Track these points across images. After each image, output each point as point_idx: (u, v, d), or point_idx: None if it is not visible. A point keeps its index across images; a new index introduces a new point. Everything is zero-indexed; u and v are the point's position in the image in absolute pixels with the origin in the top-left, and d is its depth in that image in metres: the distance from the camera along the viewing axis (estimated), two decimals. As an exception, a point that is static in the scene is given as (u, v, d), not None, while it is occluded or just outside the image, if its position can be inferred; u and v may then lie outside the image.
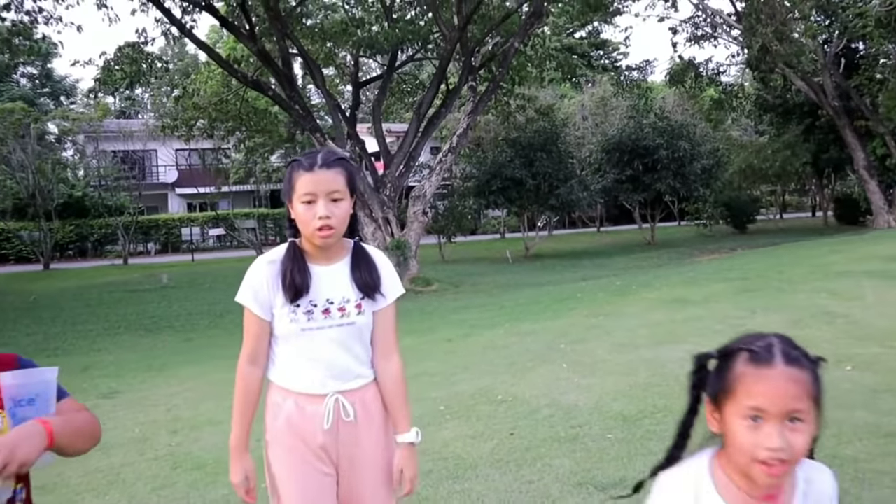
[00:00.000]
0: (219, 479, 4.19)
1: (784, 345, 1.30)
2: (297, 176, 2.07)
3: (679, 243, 24.80)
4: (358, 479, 2.15)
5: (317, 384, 2.09)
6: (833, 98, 22.71)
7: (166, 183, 37.10)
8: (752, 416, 1.26)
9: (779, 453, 1.24)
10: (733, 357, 1.32)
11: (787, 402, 1.25)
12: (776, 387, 1.25)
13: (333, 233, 2.06)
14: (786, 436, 1.25)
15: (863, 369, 5.14)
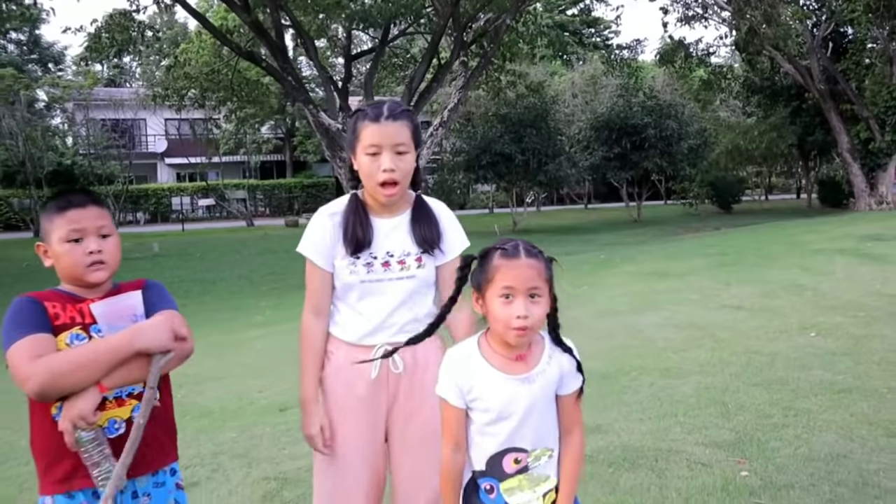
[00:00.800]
0: (225, 425, 4.52)
1: (525, 244, 1.73)
2: (363, 126, 2.01)
3: (664, 221, 25.18)
4: (406, 429, 2.13)
5: (369, 336, 2.09)
6: (819, 81, 23.00)
7: (155, 153, 37.04)
8: (505, 294, 1.67)
9: (525, 320, 1.66)
10: (490, 255, 1.72)
11: (529, 282, 1.67)
12: (521, 272, 1.68)
13: (398, 189, 2.03)
14: (529, 307, 1.67)
15: (825, 335, 5.51)
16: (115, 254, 1.83)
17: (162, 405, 1.82)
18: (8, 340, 1.67)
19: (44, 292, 1.79)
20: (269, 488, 3.44)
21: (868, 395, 4.15)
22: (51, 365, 1.62)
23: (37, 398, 1.66)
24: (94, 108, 31.94)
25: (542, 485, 1.81)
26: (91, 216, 1.79)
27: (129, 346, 1.65)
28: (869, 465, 3.25)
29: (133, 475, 1.74)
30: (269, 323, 8.61)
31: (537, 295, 1.69)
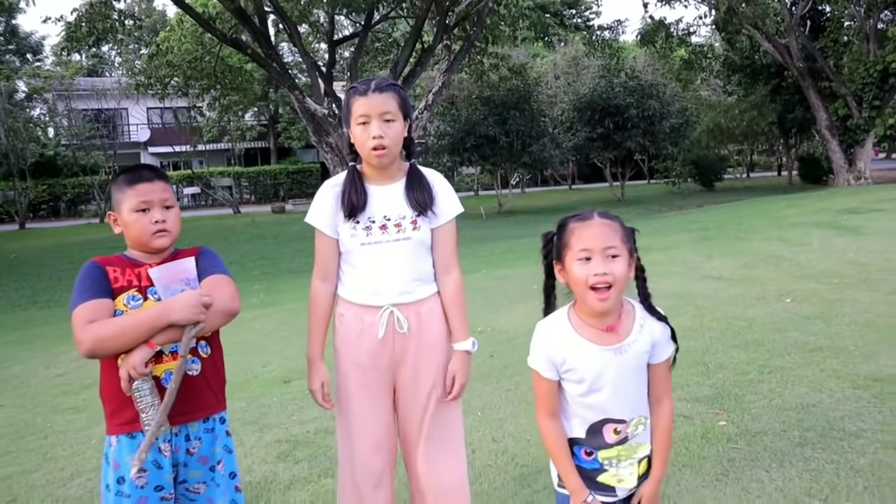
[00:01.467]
0: (234, 396, 4.72)
1: (599, 210, 1.81)
2: (353, 101, 2.20)
3: (648, 200, 25.52)
4: (412, 386, 2.30)
5: (374, 296, 2.25)
6: (798, 59, 23.31)
7: (139, 142, 36.87)
8: (583, 256, 1.73)
9: (604, 277, 1.70)
10: (566, 224, 1.80)
11: (604, 241, 1.72)
12: (595, 231, 1.74)
13: (387, 152, 2.19)
14: (607, 264, 1.71)
15: (800, 301, 5.81)
16: (176, 223, 2.06)
17: (211, 360, 2.05)
18: (73, 303, 1.92)
19: (109, 257, 2.02)
20: (281, 449, 3.67)
21: (838, 352, 4.44)
22: (97, 332, 1.85)
23: (86, 357, 1.90)
24: (76, 98, 31.73)
25: (637, 451, 1.88)
26: (157, 189, 2.02)
27: (163, 318, 1.87)
28: (835, 412, 3.53)
29: (186, 421, 1.97)
30: (265, 305, 8.81)
31: (615, 255, 1.71)
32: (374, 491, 2.32)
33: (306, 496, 3.12)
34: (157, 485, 1.95)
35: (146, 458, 1.90)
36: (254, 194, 36.24)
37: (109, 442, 1.97)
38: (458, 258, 2.38)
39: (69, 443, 4.13)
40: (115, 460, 1.94)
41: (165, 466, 1.96)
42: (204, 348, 2.03)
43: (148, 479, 1.93)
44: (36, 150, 30.15)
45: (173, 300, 1.91)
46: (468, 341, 2.34)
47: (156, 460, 1.94)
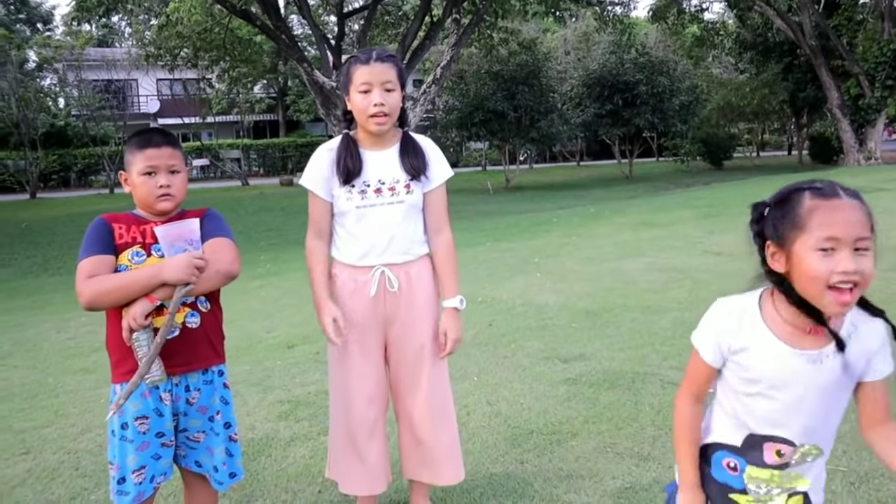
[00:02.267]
0: (239, 360, 4.87)
1: (840, 185, 1.40)
2: (355, 69, 2.27)
3: (656, 178, 25.48)
4: (403, 342, 2.41)
5: (366, 257, 2.34)
6: (811, 37, 23.08)
7: (148, 113, 36.91)
8: (826, 246, 1.34)
9: (852, 276, 1.33)
10: (795, 198, 1.41)
11: (857, 229, 1.34)
12: (847, 216, 1.34)
13: (387, 119, 2.27)
14: (858, 260, 1.33)
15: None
16: (181, 188, 2.14)
17: (211, 315, 2.15)
18: (79, 258, 2.03)
19: (117, 214, 2.13)
20: (283, 409, 3.80)
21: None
22: (96, 286, 1.96)
23: (86, 309, 2.02)
24: (86, 69, 31.73)
25: (795, 482, 1.54)
26: (164, 155, 2.10)
27: (156, 277, 1.96)
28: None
29: (185, 371, 2.08)
30: (270, 274, 8.94)
31: (864, 248, 1.35)
32: (368, 440, 2.44)
33: (306, 451, 3.25)
34: (158, 431, 2.06)
35: (149, 406, 2.02)
36: (262, 167, 36.32)
37: (114, 390, 2.09)
38: (448, 220, 2.46)
39: (79, 401, 4.28)
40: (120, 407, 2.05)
41: (166, 414, 2.07)
42: (204, 303, 2.13)
43: (150, 426, 2.05)
44: (46, 120, 30.22)
45: (167, 261, 2.00)
46: (456, 298, 2.43)
47: (157, 408, 2.05)
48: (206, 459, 2.17)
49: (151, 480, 2.07)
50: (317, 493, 2.86)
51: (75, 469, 3.25)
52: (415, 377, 2.45)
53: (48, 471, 3.25)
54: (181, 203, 2.18)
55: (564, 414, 3.46)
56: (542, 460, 3.01)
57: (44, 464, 3.33)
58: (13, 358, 5.65)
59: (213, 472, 2.17)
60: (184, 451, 2.17)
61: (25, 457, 3.45)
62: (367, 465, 2.46)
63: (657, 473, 2.81)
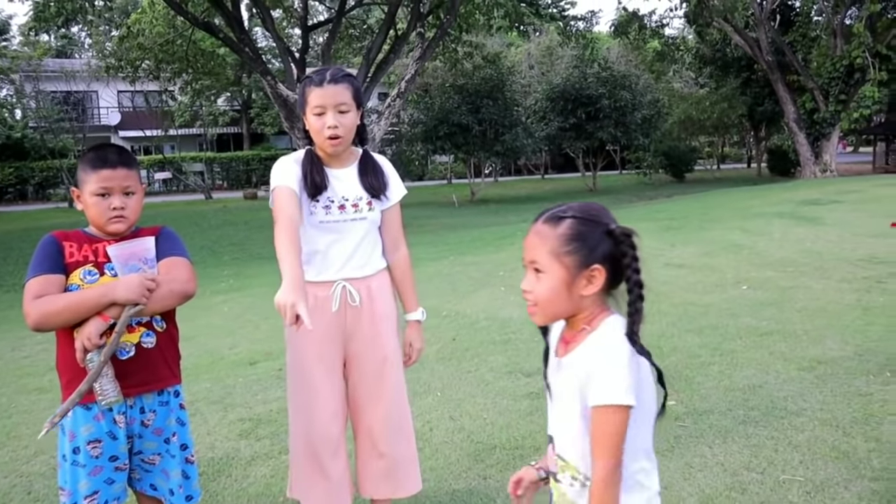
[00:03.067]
0: (200, 377, 4.79)
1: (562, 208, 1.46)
2: (309, 91, 2.27)
3: (619, 190, 25.79)
4: (364, 356, 2.42)
5: (326, 272, 2.36)
6: (768, 53, 23.65)
7: (109, 125, 36.35)
8: (522, 265, 1.48)
9: (526, 294, 1.46)
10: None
11: (528, 254, 1.45)
12: (526, 240, 1.46)
13: (341, 141, 2.29)
14: (530, 280, 1.44)
15: (755, 288, 5.99)
16: (135, 209, 2.10)
17: (167, 334, 2.11)
18: (27, 277, 1.98)
19: (68, 232, 2.08)
20: (244, 427, 3.75)
21: (787, 336, 4.62)
22: (43, 307, 1.91)
23: (33, 330, 1.97)
24: (44, 80, 31.20)
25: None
26: (119, 177, 2.05)
27: (106, 296, 1.92)
28: (780, 392, 3.69)
29: (141, 392, 2.04)
30: (233, 289, 8.82)
31: (537, 269, 1.43)
32: (332, 458, 2.41)
33: (266, 471, 3.20)
34: (111, 455, 2.01)
35: (102, 430, 1.97)
36: (226, 180, 35.96)
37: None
38: (404, 236, 2.52)
39: (33, 422, 4.16)
40: (71, 431, 2.00)
41: (120, 437, 2.02)
42: (159, 323, 2.09)
43: (103, 450, 2.00)
44: (3, 132, 29.66)
45: (119, 280, 1.96)
46: (419, 311, 2.52)
47: (111, 431, 2.01)
48: (161, 482, 2.13)
49: (105, 506, 2.02)
50: (277, 513, 2.82)
51: (27, 493, 3.16)
52: (376, 390, 2.44)
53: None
54: (135, 223, 2.14)
55: (527, 428, 3.47)
56: (504, 475, 3.00)
57: (-6, 488, 3.24)
58: (-36, 377, 5.49)
59: (168, 495, 2.12)
60: (138, 475, 2.12)
61: (-25, 481, 3.34)
62: (332, 482, 2.42)
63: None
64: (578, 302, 1.42)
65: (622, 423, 1.35)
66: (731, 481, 2.82)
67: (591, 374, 1.36)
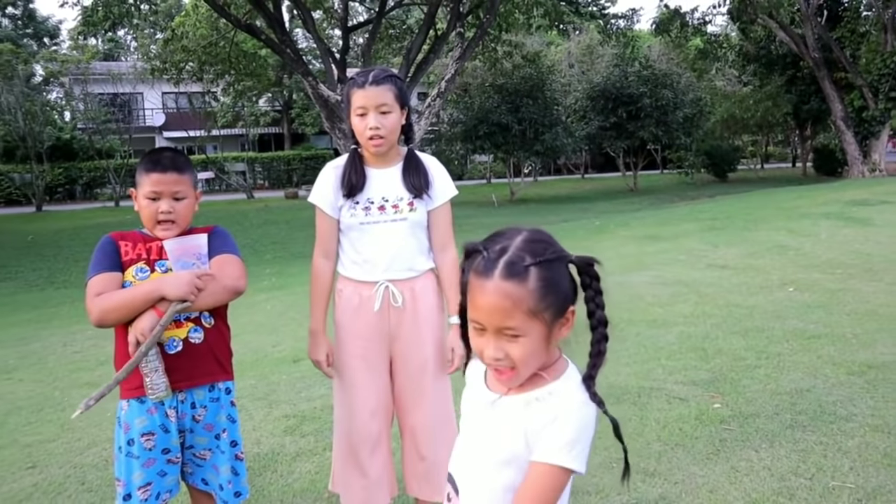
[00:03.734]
0: (244, 374, 4.88)
1: (515, 254, 1.23)
2: (352, 92, 2.31)
3: (660, 190, 25.49)
4: (407, 357, 2.43)
5: (371, 273, 2.37)
6: (814, 50, 23.14)
7: (153, 126, 37.14)
8: (476, 326, 1.26)
9: (497, 363, 1.24)
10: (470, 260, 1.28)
11: (497, 319, 1.21)
12: (488, 303, 1.21)
13: (383, 142, 2.31)
14: (503, 346, 1.22)
15: (802, 290, 5.87)
16: (185, 214, 2.14)
17: (216, 330, 2.16)
18: (88, 276, 2.07)
19: (125, 232, 2.16)
20: (289, 424, 3.81)
21: (835, 340, 4.52)
22: (102, 304, 1.99)
23: (96, 326, 2.05)
24: (92, 83, 31.98)
25: None
26: (169, 181, 2.10)
27: (156, 291, 1.98)
28: (828, 397, 3.62)
29: (188, 386, 2.09)
30: (276, 287, 8.95)
31: (515, 335, 1.22)
32: (370, 454, 2.44)
33: (311, 467, 3.25)
34: (164, 447, 2.08)
35: (155, 423, 2.04)
36: (267, 180, 36.45)
37: (121, 406, 2.10)
38: (453, 237, 2.48)
39: (86, 415, 4.23)
40: (126, 423, 2.07)
41: (172, 431, 2.08)
42: (207, 319, 2.13)
43: (156, 442, 2.06)
44: (52, 133, 30.42)
45: (169, 276, 2.03)
46: None
47: (163, 424, 2.07)
48: (212, 477, 2.18)
49: (157, 497, 2.08)
50: (322, 509, 2.86)
51: (81, 484, 3.25)
52: (418, 392, 2.46)
53: (54, 485, 3.26)
54: (185, 228, 2.18)
55: (570, 429, 3.45)
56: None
57: (50, 478, 3.34)
58: (19, 371, 5.67)
59: (219, 490, 2.18)
60: (191, 469, 2.18)
61: (32, 471, 3.45)
62: (370, 479, 2.46)
63: (663, 489, 2.80)
64: (550, 350, 1.29)
65: (562, 487, 1.25)
66: (779, 486, 2.78)
67: (548, 428, 1.24)
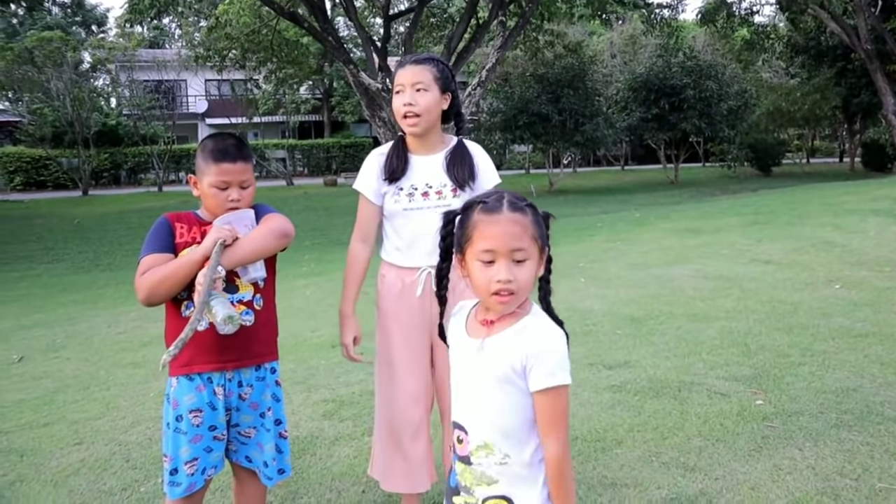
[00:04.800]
0: (284, 358, 4.88)
1: (511, 196, 1.52)
2: (395, 74, 2.38)
3: (702, 183, 25.08)
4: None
5: (413, 259, 2.40)
6: (866, 41, 22.46)
7: (196, 113, 37.67)
8: (485, 259, 1.48)
9: (508, 285, 1.46)
10: (471, 210, 1.53)
11: (510, 242, 1.46)
12: (502, 230, 1.47)
13: (418, 121, 2.32)
14: (512, 270, 1.46)
15: (849, 287, 5.73)
16: (249, 202, 2.19)
17: (265, 312, 2.20)
18: (140, 255, 2.10)
19: (180, 214, 2.19)
20: (328, 408, 3.84)
21: (883, 339, 4.41)
22: (148, 280, 2.02)
23: (144, 304, 2.07)
24: (137, 70, 32.51)
25: (483, 486, 1.56)
26: (237, 171, 2.13)
27: (197, 253, 2.00)
28: (875, 397, 3.53)
29: (238, 366, 2.13)
30: (314, 273, 9.04)
31: (522, 259, 1.48)
32: (412, 440, 2.46)
33: (350, 451, 3.28)
34: (211, 424, 2.12)
35: (203, 400, 2.08)
36: (307, 167, 36.76)
37: (171, 383, 2.14)
38: None
39: (130, 394, 4.38)
40: (175, 400, 2.11)
41: (219, 408, 2.12)
42: (258, 301, 2.17)
43: (203, 419, 2.10)
44: (99, 119, 31.03)
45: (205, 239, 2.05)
46: None
47: (211, 402, 2.11)
48: (256, 455, 2.22)
49: (203, 473, 2.12)
50: (360, 493, 2.89)
51: (126, 461, 3.33)
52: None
53: (100, 461, 3.34)
54: None
55: (609, 421, 3.43)
56: (585, 467, 2.99)
57: (96, 454, 3.43)
58: (66, 350, 5.82)
59: (262, 467, 2.21)
60: (235, 446, 2.21)
61: (79, 447, 3.55)
62: (411, 463, 2.48)
63: (703, 485, 2.77)
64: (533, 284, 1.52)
65: (567, 401, 1.51)
66: (823, 486, 2.73)
67: (534, 357, 1.48)
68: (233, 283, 2.11)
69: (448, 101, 2.38)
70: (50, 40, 26.89)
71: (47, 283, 11.07)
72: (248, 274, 2.11)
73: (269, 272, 2.21)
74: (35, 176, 30.83)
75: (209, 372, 2.10)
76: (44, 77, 26.92)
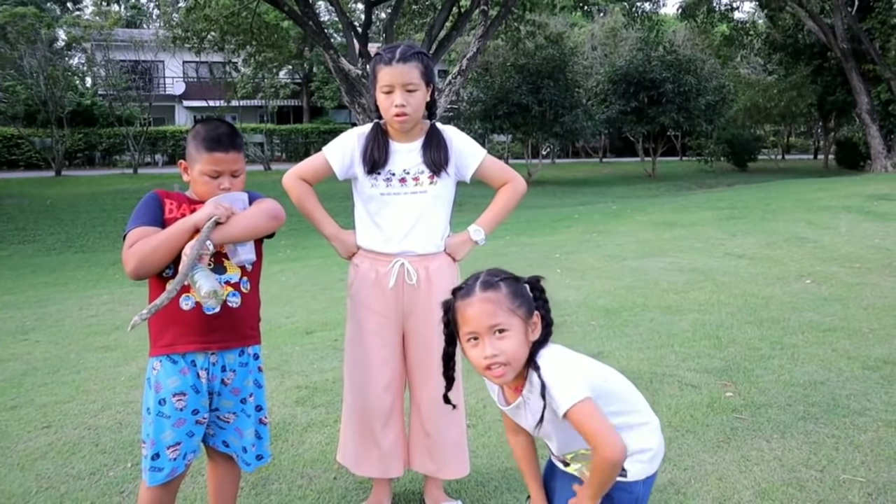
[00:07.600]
0: (257, 344, 4.91)
1: (486, 276, 1.67)
2: (378, 69, 2.32)
3: (679, 177, 25.29)
4: (418, 334, 2.44)
5: (387, 243, 2.40)
6: (843, 40, 22.74)
7: (173, 95, 37.19)
8: (470, 338, 1.64)
9: (495, 359, 1.61)
10: (453, 298, 1.70)
11: (486, 319, 1.60)
12: (476, 310, 1.62)
13: (408, 118, 2.33)
14: (495, 344, 1.60)
15: (820, 283, 5.82)
16: (240, 189, 2.16)
17: (251, 296, 2.18)
18: (127, 228, 2.06)
19: (171, 192, 2.16)
20: (300, 395, 3.83)
21: (851, 334, 4.49)
22: (138, 251, 1.98)
23: (132, 278, 2.03)
24: (114, 49, 31.97)
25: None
26: (230, 160, 2.11)
27: (187, 222, 1.99)
28: (842, 391, 3.59)
29: (222, 347, 2.10)
30: (290, 259, 9.00)
31: (502, 330, 1.61)
32: (383, 427, 2.47)
33: (322, 438, 3.28)
34: (194, 408, 2.09)
35: (187, 383, 2.05)
36: (285, 152, 36.45)
37: (153, 366, 2.10)
38: (511, 171, 2.62)
39: (100, 378, 4.34)
40: (158, 383, 2.07)
41: (202, 392, 2.10)
42: (245, 284, 2.15)
43: (187, 403, 2.07)
44: (73, 98, 30.50)
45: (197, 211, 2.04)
46: (482, 233, 2.52)
47: (195, 385, 2.08)
48: (234, 440, 2.20)
49: (184, 457, 2.10)
50: (332, 480, 2.89)
51: (95, 445, 3.30)
52: (427, 370, 2.46)
53: (69, 445, 3.30)
54: None
55: (580, 411, 3.45)
56: (556, 457, 3.01)
57: (64, 438, 3.39)
58: (36, 333, 5.74)
59: (241, 452, 2.20)
60: (213, 431, 2.20)
61: (47, 430, 3.50)
62: (382, 450, 2.49)
63: (672, 475, 2.80)
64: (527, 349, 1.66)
65: (593, 409, 1.61)
66: (789, 477, 2.77)
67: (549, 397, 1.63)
68: (221, 264, 2.10)
69: (430, 93, 2.39)
70: (23, 16, 26.32)
71: (17, 264, 10.90)
72: (239, 256, 2.09)
73: (257, 257, 2.19)
74: (6, 155, 30.22)
75: (193, 352, 2.07)
76: (16, 54, 26.36)
